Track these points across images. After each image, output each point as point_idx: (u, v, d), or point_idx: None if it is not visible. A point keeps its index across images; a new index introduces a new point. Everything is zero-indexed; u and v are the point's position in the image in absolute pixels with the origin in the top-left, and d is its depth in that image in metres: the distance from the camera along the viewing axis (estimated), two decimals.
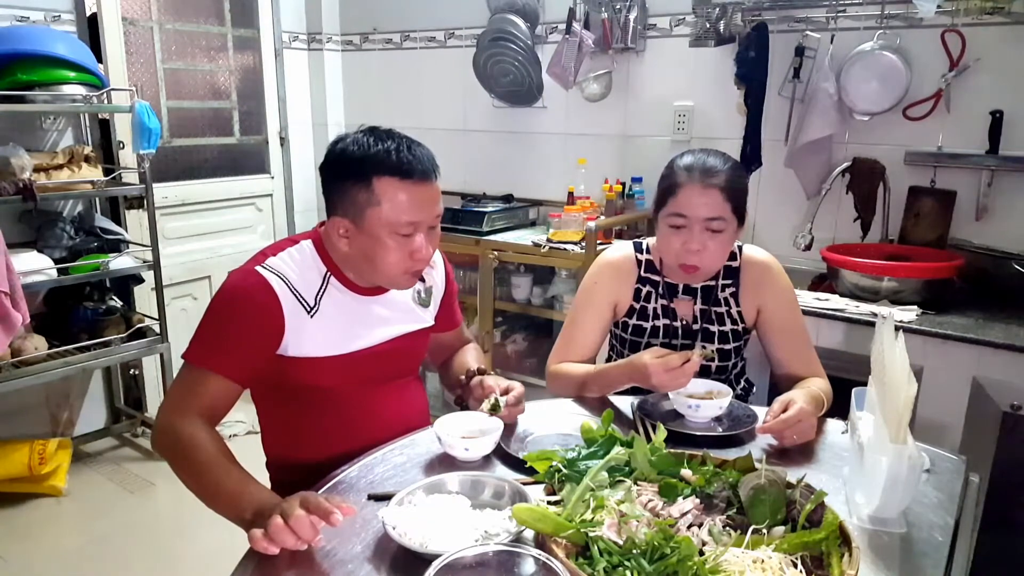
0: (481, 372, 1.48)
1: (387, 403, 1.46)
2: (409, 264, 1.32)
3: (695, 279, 1.61)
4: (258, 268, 1.31)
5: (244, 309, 1.28)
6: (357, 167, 1.27)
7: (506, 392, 1.39)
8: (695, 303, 1.64)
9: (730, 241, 1.54)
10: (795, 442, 1.33)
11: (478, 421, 1.35)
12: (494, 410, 1.37)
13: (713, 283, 1.64)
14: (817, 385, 1.51)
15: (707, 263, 1.53)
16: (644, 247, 1.68)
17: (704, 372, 1.54)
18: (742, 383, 1.73)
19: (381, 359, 1.43)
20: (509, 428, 1.39)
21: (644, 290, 1.66)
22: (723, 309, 1.64)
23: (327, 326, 1.35)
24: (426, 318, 1.52)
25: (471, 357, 1.63)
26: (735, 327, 1.64)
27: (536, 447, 1.29)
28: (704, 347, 1.57)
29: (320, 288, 1.36)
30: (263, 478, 1.52)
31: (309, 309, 1.33)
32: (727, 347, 1.63)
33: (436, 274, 1.55)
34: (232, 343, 1.28)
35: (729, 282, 1.64)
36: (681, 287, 1.65)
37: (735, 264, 1.64)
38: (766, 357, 1.67)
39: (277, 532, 0.98)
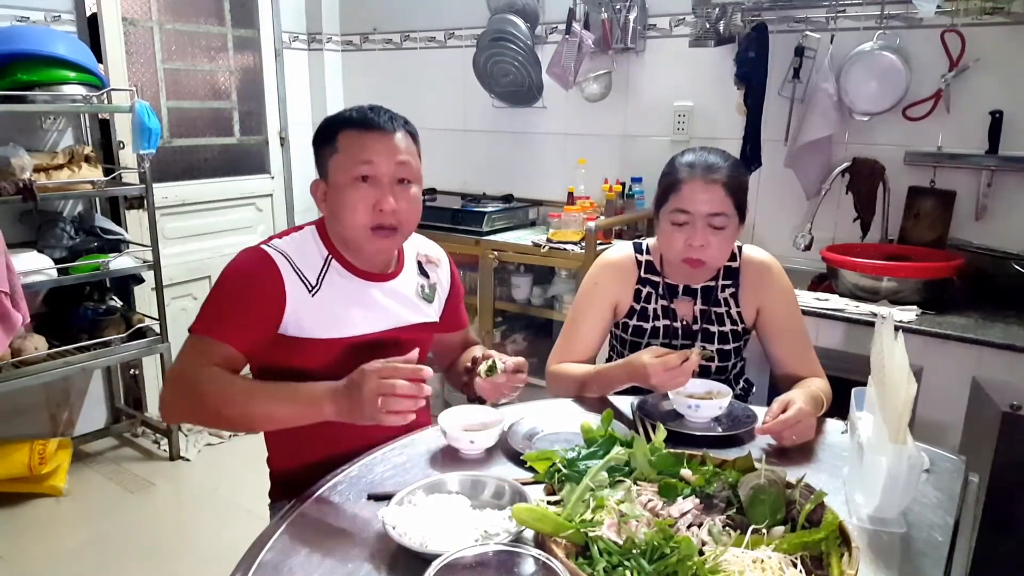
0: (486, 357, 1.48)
1: None
2: (373, 216, 1.34)
3: (698, 277, 1.61)
4: (263, 246, 1.36)
5: (246, 280, 1.32)
6: (327, 128, 1.37)
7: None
8: (695, 303, 1.65)
9: (732, 237, 1.55)
10: (794, 443, 1.33)
11: (481, 414, 1.36)
12: (491, 371, 1.38)
13: (713, 283, 1.64)
14: (816, 385, 1.51)
15: (711, 259, 1.54)
16: (644, 248, 1.68)
17: (704, 372, 1.55)
18: (741, 383, 1.74)
19: (384, 350, 1.42)
20: (516, 424, 1.39)
21: (644, 291, 1.66)
22: (723, 309, 1.64)
23: (327, 307, 1.36)
24: (429, 313, 1.52)
25: (477, 353, 1.63)
26: (735, 327, 1.64)
27: (544, 446, 1.29)
28: (704, 347, 1.57)
29: (322, 269, 1.38)
30: (263, 477, 1.53)
31: (311, 288, 1.35)
32: (727, 347, 1.64)
33: (441, 272, 1.56)
34: (235, 312, 1.30)
35: (729, 282, 1.64)
36: (681, 288, 1.65)
37: (735, 264, 1.64)
38: (766, 357, 1.67)
39: (397, 388, 1.11)
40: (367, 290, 1.42)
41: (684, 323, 1.64)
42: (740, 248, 1.65)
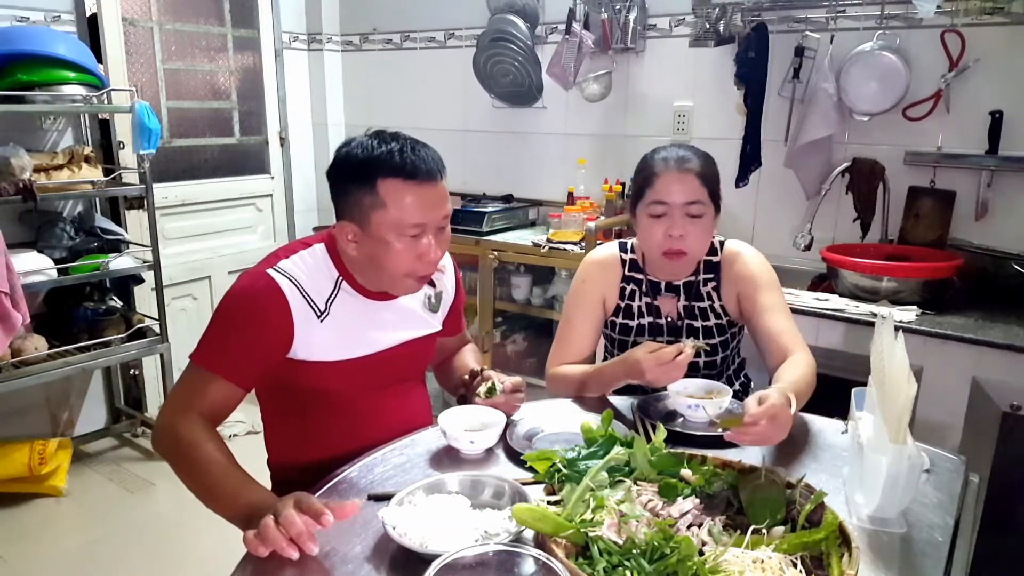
0: (482, 371, 1.49)
1: (392, 405, 1.46)
2: (417, 267, 1.31)
3: (680, 269, 1.62)
4: (269, 271, 1.29)
5: (253, 313, 1.27)
6: (361, 170, 1.26)
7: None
8: (678, 300, 1.66)
9: (710, 227, 1.57)
10: (774, 441, 1.24)
11: (481, 415, 1.36)
12: (490, 393, 1.40)
13: (694, 278, 1.65)
14: (793, 373, 1.40)
15: (690, 249, 1.56)
16: (629, 247, 1.70)
17: (693, 367, 1.54)
18: (740, 380, 1.74)
19: (389, 363, 1.42)
20: (516, 424, 1.40)
21: (628, 288, 1.68)
22: (706, 304, 1.65)
23: (337, 331, 1.34)
24: (434, 323, 1.51)
25: (470, 358, 1.65)
26: (719, 321, 1.65)
27: (544, 446, 1.29)
28: (696, 342, 1.57)
29: (332, 293, 1.35)
30: (263, 478, 1.53)
31: (319, 314, 1.32)
32: (713, 341, 1.65)
33: (447, 279, 1.55)
34: (239, 348, 1.27)
35: (711, 276, 1.66)
36: (664, 284, 1.66)
37: (716, 259, 1.66)
38: (754, 344, 1.64)
39: (267, 531, 0.98)
40: (376, 311, 1.40)
41: (668, 320, 1.65)
42: (722, 243, 1.67)
